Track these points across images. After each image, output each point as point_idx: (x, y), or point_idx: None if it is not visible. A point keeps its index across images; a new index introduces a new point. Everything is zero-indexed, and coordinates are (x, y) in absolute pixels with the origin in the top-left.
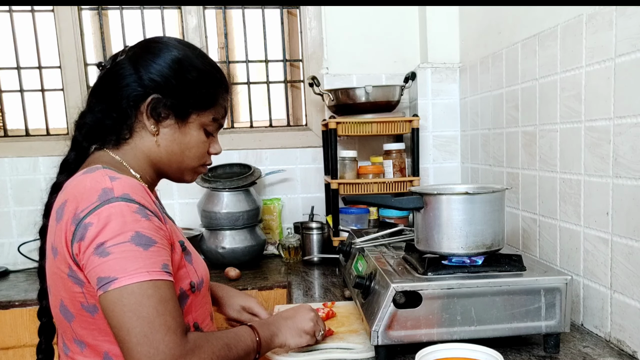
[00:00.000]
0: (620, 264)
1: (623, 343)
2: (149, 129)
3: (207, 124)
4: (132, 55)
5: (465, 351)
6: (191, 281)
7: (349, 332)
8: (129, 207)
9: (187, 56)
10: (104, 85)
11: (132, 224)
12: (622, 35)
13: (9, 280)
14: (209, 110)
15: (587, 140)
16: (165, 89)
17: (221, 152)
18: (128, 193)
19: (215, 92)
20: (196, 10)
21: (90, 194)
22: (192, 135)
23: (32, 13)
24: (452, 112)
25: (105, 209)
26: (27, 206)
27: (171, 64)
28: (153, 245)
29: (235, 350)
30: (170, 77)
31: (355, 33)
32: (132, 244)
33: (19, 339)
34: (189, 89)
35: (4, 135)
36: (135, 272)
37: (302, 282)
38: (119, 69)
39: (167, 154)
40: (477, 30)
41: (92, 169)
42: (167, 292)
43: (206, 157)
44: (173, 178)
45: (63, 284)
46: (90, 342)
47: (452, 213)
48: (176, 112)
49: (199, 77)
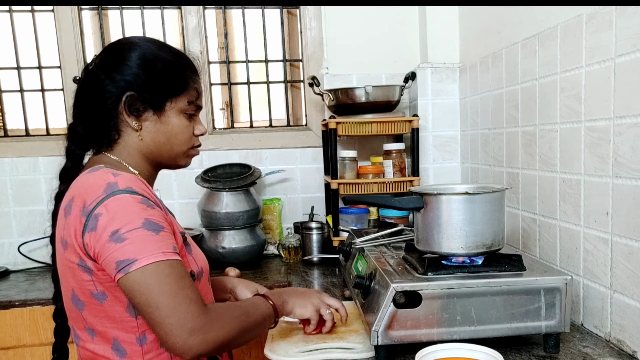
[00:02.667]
0: (620, 264)
1: (623, 343)
2: (132, 126)
3: (185, 108)
4: (99, 62)
5: (465, 351)
6: (191, 270)
7: (349, 332)
8: (134, 199)
9: (150, 50)
10: (83, 96)
11: (141, 212)
12: (622, 35)
13: (9, 280)
14: (182, 95)
15: (587, 140)
16: (137, 85)
17: (206, 132)
18: (131, 186)
19: (184, 76)
20: (196, 10)
21: (96, 189)
22: (173, 123)
23: (32, 13)
24: (452, 112)
25: (111, 200)
26: (27, 206)
27: (137, 61)
28: (162, 230)
29: (254, 317)
30: (139, 73)
31: (355, 33)
32: (144, 229)
33: (19, 339)
34: (159, 80)
35: (4, 135)
36: (152, 254)
37: (302, 282)
38: (93, 78)
39: (155, 145)
40: (477, 30)
41: (95, 169)
42: (182, 269)
43: (193, 139)
44: (168, 166)
45: (73, 274)
46: (100, 330)
47: (452, 213)
48: (152, 104)
49: (165, 66)
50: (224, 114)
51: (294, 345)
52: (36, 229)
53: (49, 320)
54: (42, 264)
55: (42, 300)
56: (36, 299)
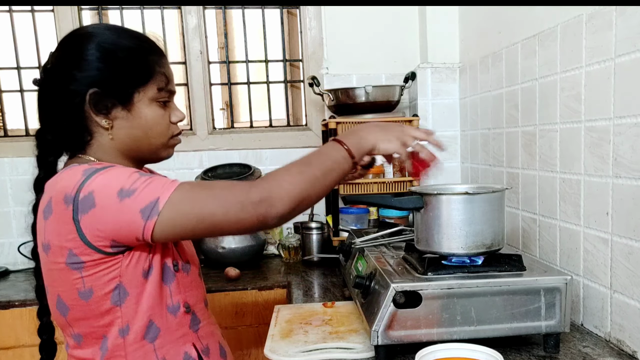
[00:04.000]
0: (620, 264)
1: (623, 343)
2: (102, 125)
3: (155, 96)
4: (56, 59)
5: (465, 351)
6: (174, 260)
7: (349, 332)
8: (115, 167)
9: (107, 39)
10: (45, 100)
11: (128, 170)
12: (622, 35)
13: (9, 280)
14: (149, 82)
15: (587, 140)
16: (100, 80)
17: (184, 117)
18: (106, 166)
19: (148, 62)
20: (196, 10)
21: (73, 178)
22: (146, 114)
23: (32, 13)
24: (452, 112)
25: (94, 178)
26: (27, 206)
27: (96, 54)
28: (155, 174)
29: (318, 164)
30: (100, 67)
31: (355, 33)
32: (142, 177)
33: (19, 339)
34: (121, 70)
35: (4, 135)
36: (167, 185)
37: (302, 282)
38: (52, 79)
39: (132, 141)
40: (477, 30)
41: (68, 167)
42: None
43: (172, 128)
44: (150, 160)
45: (59, 275)
46: (87, 332)
47: (452, 213)
48: (119, 99)
49: (127, 54)
50: (224, 114)
51: (293, 345)
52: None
53: None
54: None
55: None
56: (36, 299)
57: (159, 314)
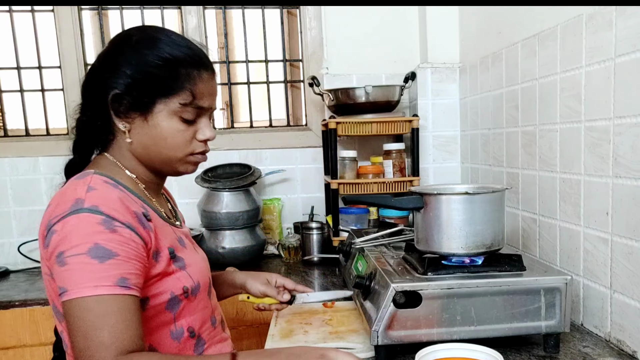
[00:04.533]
0: (620, 264)
1: (623, 343)
2: (120, 128)
3: (178, 110)
4: (98, 56)
5: (465, 351)
6: (184, 286)
7: (349, 332)
8: (94, 219)
9: (142, 43)
10: (83, 93)
11: (93, 235)
12: (622, 35)
13: (9, 280)
14: (172, 96)
15: (587, 140)
16: (123, 83)
17: (213, 137)
18: (97, 205)
19: (178, 75)
20: (196, 10)
21: (65, 202)
22: (161, 126)
23: (32, 13)
24: (452, 112)
25: (71, 218)
26: (27, 206)
27: (126, 56)
28: (112, 258)
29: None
30: (126, 70)
31: (355, 33)
32: (87, 256)
33: (19, 339)
34: (147, 78)
35: (4, 135)
36: (82, 286)
37: (302, 282)
38: (89, 74)
39: (142, 149)
40: (477, 30)
41: (83, 174)
42: (113, 306)
43: (193, 145)
44: (165, 172)
45: (49, 284)
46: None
47: (452, 213)
48: (137, 105)
49: (157, 63)
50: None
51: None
52: (36, 229)
53: (49, 320)
54: None
55: (42, 300)
56: (36, 299)
57: (159, 341)
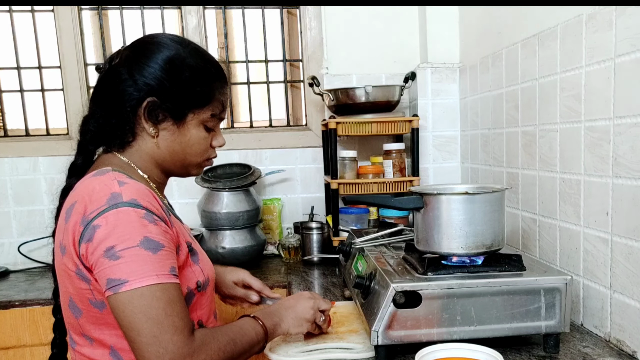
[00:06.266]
0: (620, 264)
1: (623, 343)
2: (149, 132)
3: (206, 120)
4: (126, 58)
5: (465, 351)
6: (198, 280)
7: (349, 332)
8: (137, 213)
9: (179, 55)
10: (102, 91)
11: (141, 229)
12: (622, 35)
13: (9, 280)
14: (206, 107)
15: (587, 140)
16: (160, 91)
17: (224, 144)
18: (135, 198)
19: (211, 88)
20: (196, 10)
21: (99, 197)
22: (191, 134)
23: (32, 13)
24: (451, 112)
25: (113, 213)
26: (27, 206)
27: (163, 65)
28: (161, 249)
29: (241, 344)
30: (164, 79)
31: (355, 33)
32: (141, 248)
33: (19, 339)
34: (184, 89)
35: (4, 135)
36: (145, 276)
37: (302, 282)
38: (115, 74)
39: (169, 154)
40: (477, 30)
41: (102, 172)
42: (175, 293)
43: (210, 151)
44: (179, 174)
45: (70, 281)
46: (97, 337)
47: (452, 213)
48: (173, 114)
49: (193, 75)
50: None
51: (293, 345)
52: (36, 229)
53: (49, 320)
54: (42, 264)
55: (42, 300)
56: (36, 299)
57: None
